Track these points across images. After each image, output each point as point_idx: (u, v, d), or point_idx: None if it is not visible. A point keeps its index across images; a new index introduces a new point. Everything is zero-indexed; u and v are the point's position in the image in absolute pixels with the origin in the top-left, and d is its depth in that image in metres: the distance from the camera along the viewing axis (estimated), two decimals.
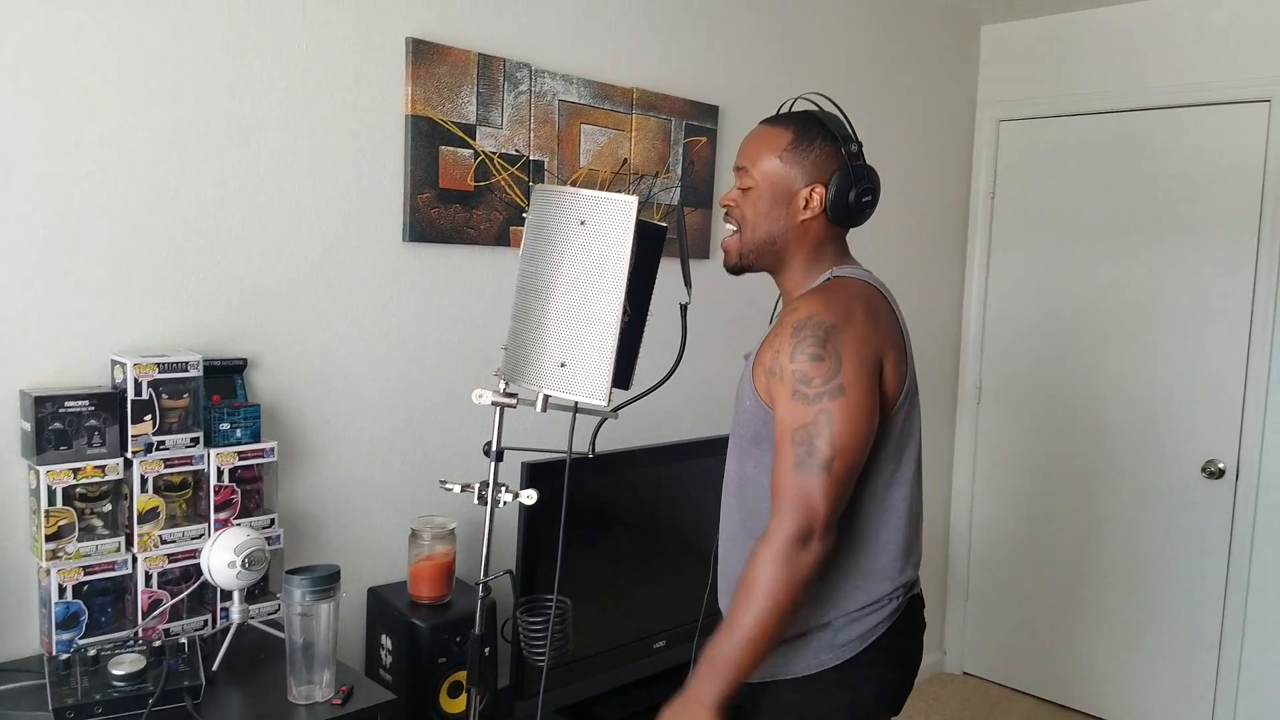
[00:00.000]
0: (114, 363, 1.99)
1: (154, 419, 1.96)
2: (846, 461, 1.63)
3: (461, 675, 2.26)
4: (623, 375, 1.71)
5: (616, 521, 2.60)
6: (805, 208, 1.80)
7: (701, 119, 3.12)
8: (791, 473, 1.63)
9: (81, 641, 1.88)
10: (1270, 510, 3.60)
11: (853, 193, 1.78)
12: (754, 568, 1.63)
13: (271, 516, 2.14)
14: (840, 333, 1.65)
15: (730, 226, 1.88)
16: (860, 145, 1.82)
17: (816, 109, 1.86)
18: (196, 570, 2.00)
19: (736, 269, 1.90)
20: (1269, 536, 3.60)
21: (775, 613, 1.62)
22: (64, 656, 1.81)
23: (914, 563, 1.84)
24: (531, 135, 2.67)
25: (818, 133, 1.81)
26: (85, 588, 1.91)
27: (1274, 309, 3.54)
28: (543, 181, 2.69)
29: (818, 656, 1.77)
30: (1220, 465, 3.70)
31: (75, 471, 1.88)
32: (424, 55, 2.43)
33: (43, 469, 1.85)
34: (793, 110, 1.88)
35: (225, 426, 2.08)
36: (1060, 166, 4.11)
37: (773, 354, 1.70)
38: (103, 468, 1.91)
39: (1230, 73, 3.61)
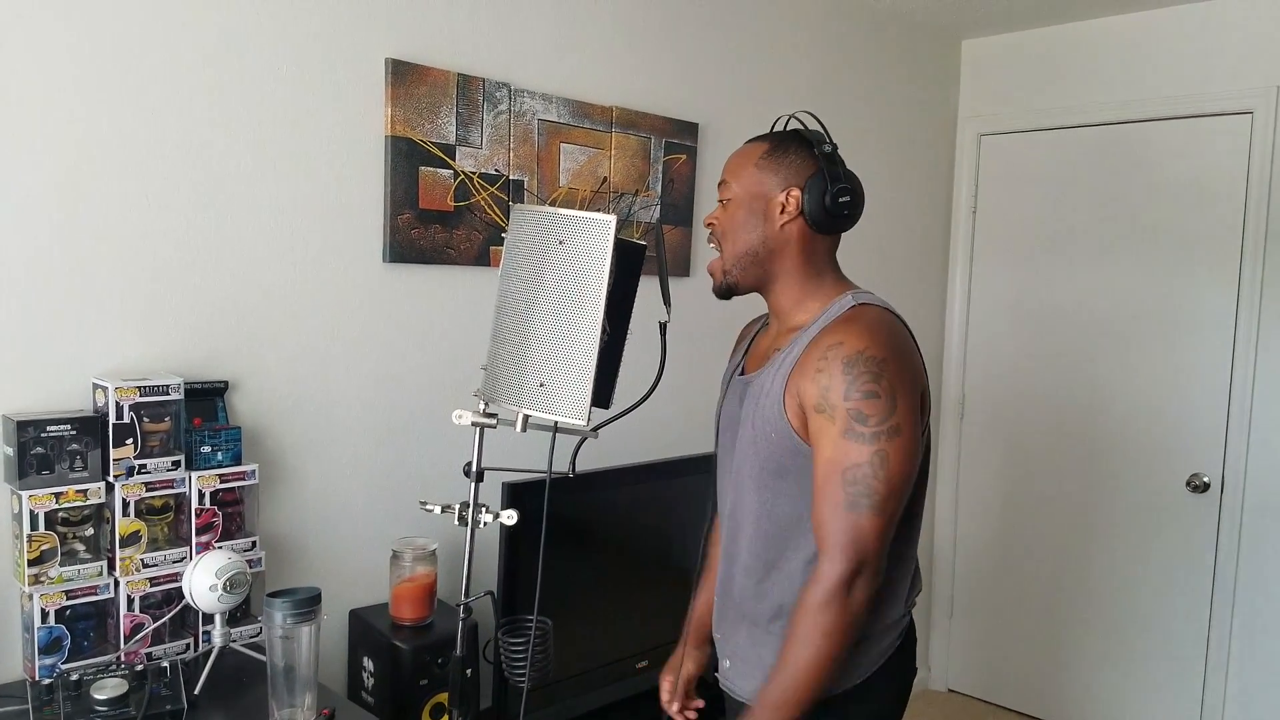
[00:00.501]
0: (95, 386, 1.99)
1: (135, 442, 1.96)
2: (900, 501, 1.63)
3: (443, 697, 2.26)
4: (602, 394, 1.71)
5: (598, 541, 2.60)
6: (782, 212, 1.76)
7: (681, 136, 3.13)
8: (842, 513, 1.61)
9: (64, 666, 1.87)
10: (1255, 524, 3.61)
11: (829, 194, 1.74)
12: (808, 612, 1.62)
13: (253, 539, 2.14)
14: (891, 367, 1.62)
15: (714, 247, 1.86)
16: (835, 147, 1.79)
17: (801, 127, 1.85)
18: (178, 594, 2.00)
19: (723, 290, 1.86)
20: (1253, 550, 3.62)
21: (831, 653, 1.62)
22: (46, 681, 1.80)
23: (919, 581, 1.88)
24: (511, 155, 2.68)
25: (794, 140, 1.79)
26: (68, 612, 1.90)
27: (1257, 321, 3.56)
28: (522, 201, 2.70)
29: (836, 680, 1.72)
30: (1205, 479, 3.72)
31: (57, 496, 1.88)
32: (403, 76, 2.44)
33: (25, 493, 1.84)
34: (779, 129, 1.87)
35: (206, 449, 2.08)
36: (1042, 180, 4.13)
37: (819, 390, 1.65)
38: (85, 491, 1.91)
39: (1212, 85, 3.64)
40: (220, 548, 2.04)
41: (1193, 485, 3.75)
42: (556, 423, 1.71)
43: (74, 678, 1.77)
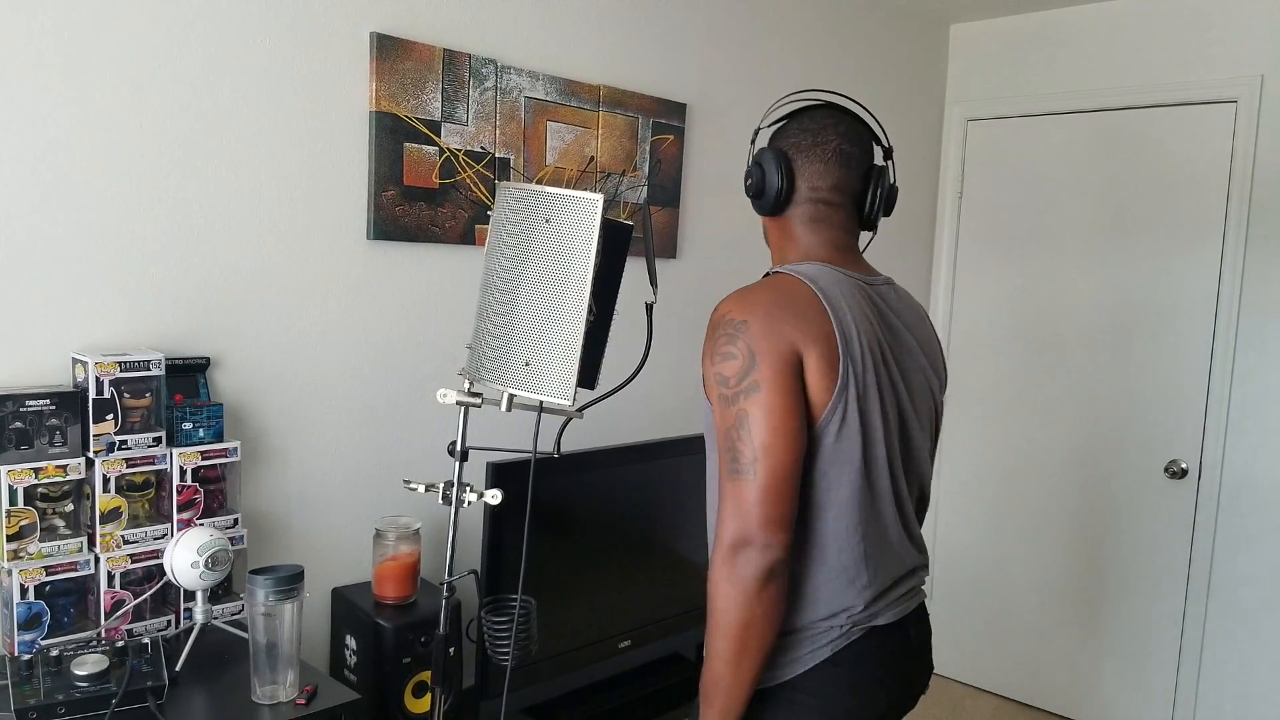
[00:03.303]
0: (75, 361, 1.97)
1: (116, 418, 1.94)
2: (770, 464, 1.52)
3: (426, 675, 2.26)
4: (588, 375, 1.71)
5: (581, 521, 2.60)
6: None
7: (669, 117, 3.12)
8: (725, 481, 1.55)
9: (44, 642, 1.86)
10: (1231, 510, 3.64)
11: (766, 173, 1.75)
12: (708, 585, 1.58)
13: (235, 516, 2.13)
14: (752, 329, 1.56)
15: None
16: (778, 123, 1.78)
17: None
18: (159, 570, 1.99)
19: None
20: (1229, 536, 3.65)
21: (733, 628, 1.53)
22: (26, 657, 1.79)
23: (872, 595, 1.67)
24: (497, 132, 2.66)
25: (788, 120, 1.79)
26: (47, 588, 1.89)
27: (1237, 309, 3.57)
28: (508, 179, 2.69)
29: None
30: (1183, 465, 3.74)
31: (36, 471, 1.86)
32: (388, 50, 2.42)
33: (3, 469, 1.83)
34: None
35: (188, 426, 2.06)
36: (1028, 166, 4.14)
37: (703, 359, 1.65)
38: (64, 467, 1.89)
39: (1197, 73, 3.65)
40: (202, 525, 2.03)
41: (1170, 471, 3.77)
42: (542, 403, 1.70)
43: (54, 654, 1.76)
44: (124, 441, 1.95)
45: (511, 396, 1.70)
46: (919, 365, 1.75)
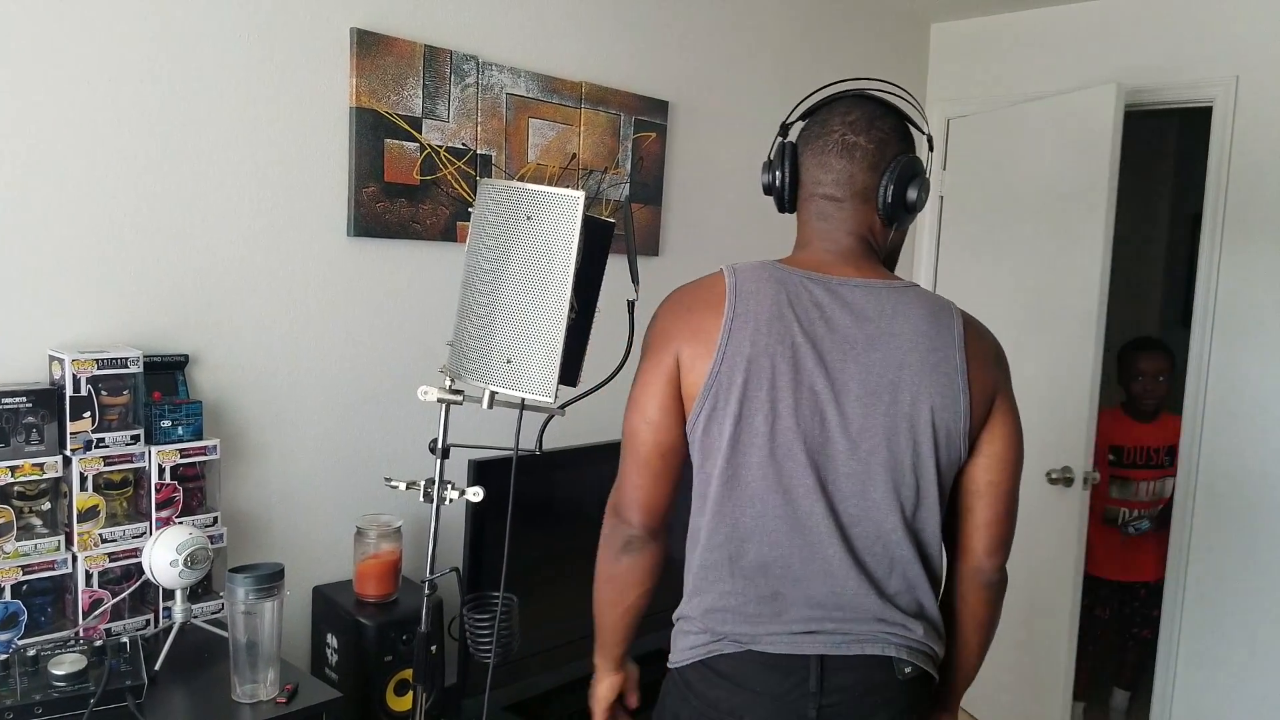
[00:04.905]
0: (52, 358, 1.96)
1: (93, 416, 1.93)
2: (631, 451, 1.63)
3: (408, 673, 2.25)
4: (570, 372, 1.71)
5: (563, 519, 2.60)
6: None
7: (651, 114, 3.12)
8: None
9: (21, 642, 1.85)
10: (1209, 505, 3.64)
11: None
12: None
13: (214, 515, 2.12)
14: (652, 325, 1.63)
15: None
16: (790, 124, 1.71)
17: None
18: (138, 569, 1.98)
19: None
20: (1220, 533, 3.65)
21: (599, 579, 1.70)
22: (3, 657, 1.78)
23: (755, 612, 1.56)
24: (479, 129, 2.65)
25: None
26: (24, 587, 1.88)
27: (1213, 308, 3.58)
28: (489, 176, 2.68)
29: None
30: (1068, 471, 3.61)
31: (13, 469, 1.85)
32: (369, 46, 2.41)
33: None
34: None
35: (166, 424, 2.05)
36: (1007, 165, 4.14)
37: None
38: (41, 465, 1.88)
39: (1174, 74, 3.67)
40: (181, 523, 2.02)
41: (1051, 478, 3.61)
42: (523, 400, 1.70)
43: (31, 653, 1.75)
44: (102, 439, 1.94)
45: (493, 394, 1.69)
46: (878, 374, 1.53)
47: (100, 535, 1.95)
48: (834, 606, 1.54)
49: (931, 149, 1.72)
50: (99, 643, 1.82)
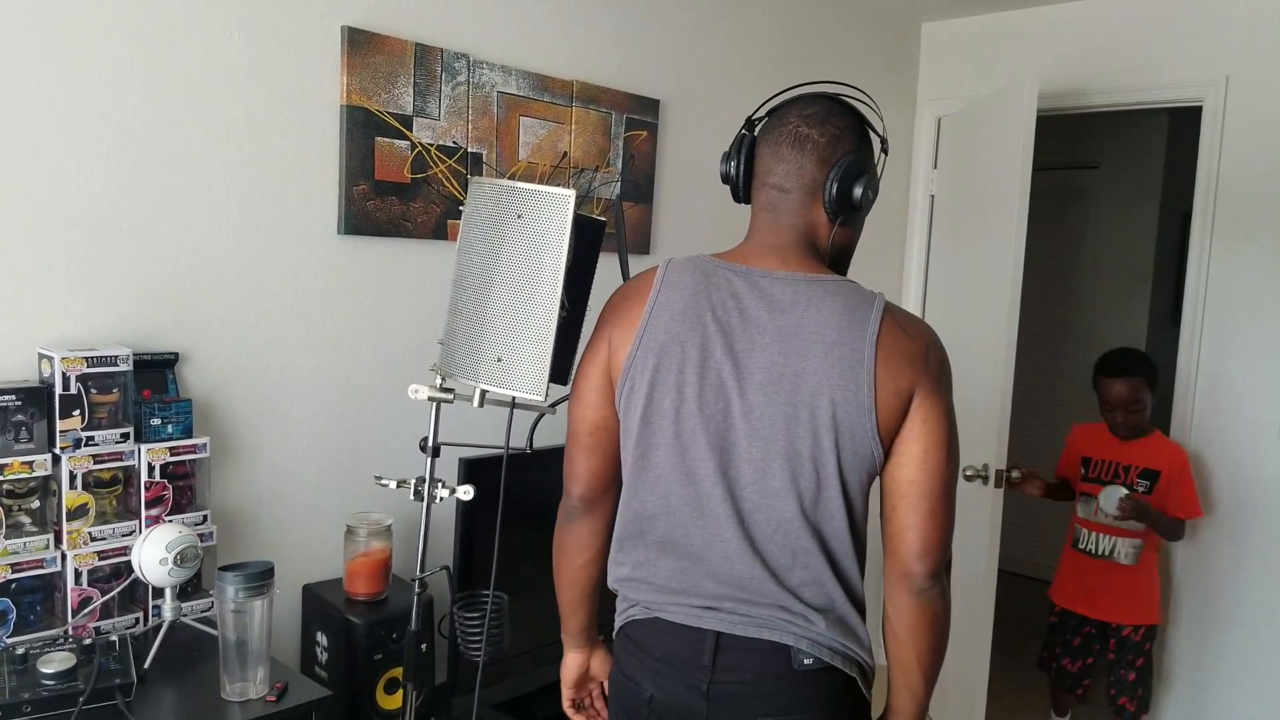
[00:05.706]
0: (41, 356, 1.95)
1: (83, 414, 1.92)
2: (570, 429, 1.72)
3: (398, 671, 2.25)
4: (560, 370, 1.71)
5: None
6: None
7: (642, 113, 3.12)
8: None
9: (9, 640, 1.85)
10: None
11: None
12: None
13: (204, 513, 2.12)
14: (601, 314, 1.70)
15: None
16: (756, 120, 1.71)
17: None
18: (127, 567, 1.97)
19: None
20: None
21: (554, 544, 1.85)
22: None
23: (660, 585, 1.63)
24: (470, 127, 2.65)
25: None
26: (13, 585, 1.87)
27: (1203, 306, 3.59)
28: (480, 174, 2.68)
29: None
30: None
31: (2, 467, 1.84)
32: (360, 44, 2.40)
33: None
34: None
35: (156, 422, 2.05)
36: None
37: None
38: (30, 463, 1.88)
39: (1165, 74, 3.68)
40: (171, 521, 2.02)
41: (968, 474, 3.57)
42: (514, 398, 1.70)
43: (20, 651, 1.75)
44: (91, 438, 1.94)
45: (484, 392, 1.69)
46: (783, 364, 1.54)
47: (90, 533, 1.94)
48: (735, 587, 1.57)
49: (886, 153, 1.75)
50: (88, 641, 1.82)
